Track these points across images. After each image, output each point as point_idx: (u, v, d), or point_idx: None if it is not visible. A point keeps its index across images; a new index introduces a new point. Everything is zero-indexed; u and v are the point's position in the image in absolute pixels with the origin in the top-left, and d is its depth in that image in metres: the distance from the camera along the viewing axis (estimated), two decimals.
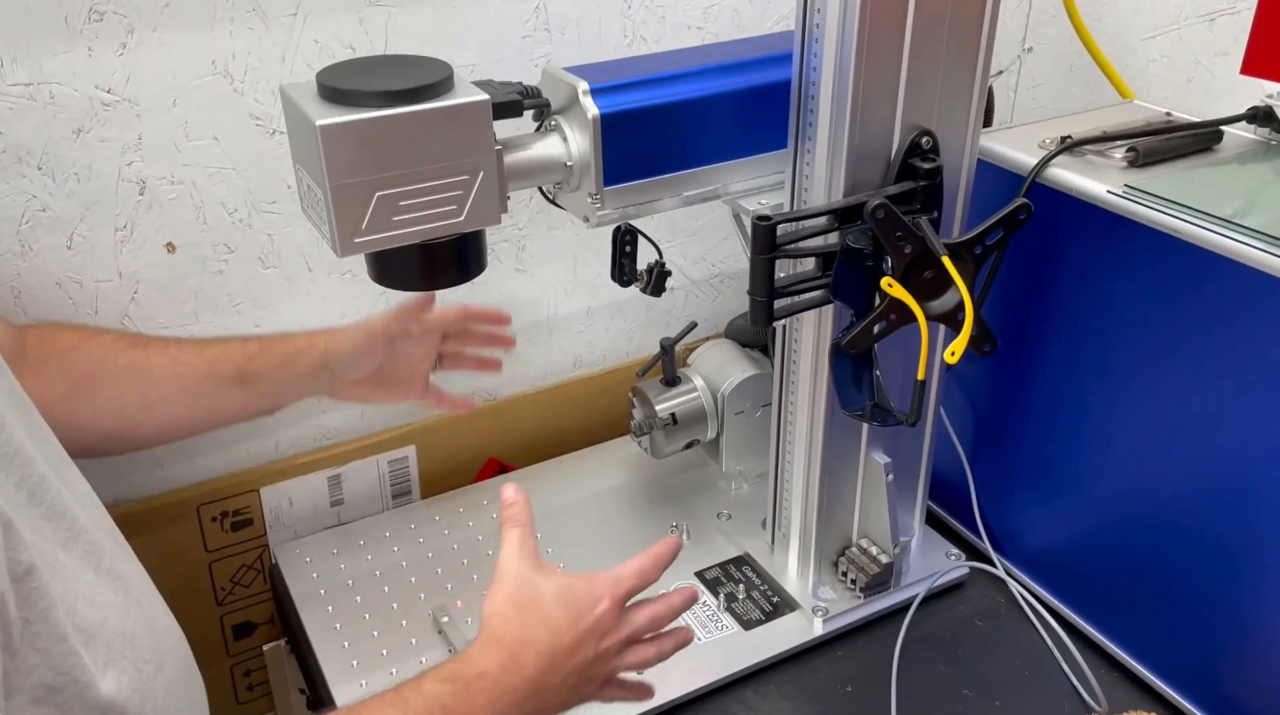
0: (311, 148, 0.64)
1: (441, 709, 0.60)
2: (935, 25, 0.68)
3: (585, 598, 0.65)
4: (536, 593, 0.65)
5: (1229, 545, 0.74)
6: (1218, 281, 0.70)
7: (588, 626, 0.65)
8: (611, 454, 1.09)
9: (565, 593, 0.65)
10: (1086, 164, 0.80)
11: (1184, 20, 1.04)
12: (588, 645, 0.65)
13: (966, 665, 0.84)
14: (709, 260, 1.16)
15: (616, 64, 0.79)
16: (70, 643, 0.58)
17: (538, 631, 0.64)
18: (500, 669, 0.62)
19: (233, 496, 0.97)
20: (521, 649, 0.63)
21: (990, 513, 0.94)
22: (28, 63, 0.77)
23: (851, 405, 0.75)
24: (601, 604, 0.65)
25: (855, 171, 0.71)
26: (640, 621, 0.68)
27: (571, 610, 0.65)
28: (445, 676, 0.62)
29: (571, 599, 0.65)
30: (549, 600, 0.65)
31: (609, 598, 0.66)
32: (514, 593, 0.65)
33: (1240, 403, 0.71)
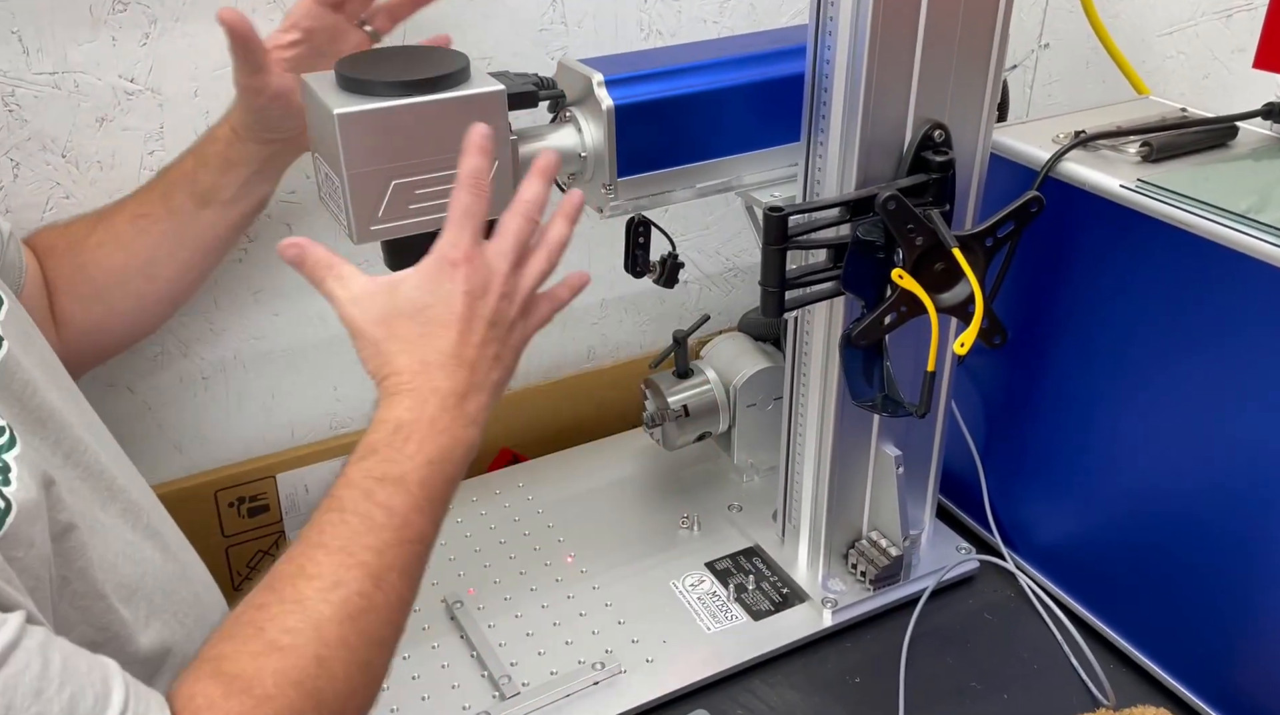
0: (330, 136, 0.65)
1: (377, 482, 0.57)
2: (948, 19, 0.69)
3: (444, 277, 0.61)
4: (396, 315, 0.61)
5: (1239, 541, 0.74)
6: (1231, 277, 0.70)
7: (463, 301, 0.61)
8: (624, 445, 1.09)
9: (424, 291, 0.61)
10: (1100, 158, 0.80)
11: (1200, 16, 1.04)
12: (479, 310, 0.62)
13: (975, 658, 0.84)
14: (723, 254, 1.16)
15: (632, 56, 0.79)
16: (109, 600, 0.60)
17: (424, 348, 0.60)
18: (414, 408, 0.59)
19: (249, 483, 0.98)
20: (423, 376, 0.60)
21: (1001, 507, 0.94)
22: (53, 52, 0.78)
23: (862, 397, 0.75)
24: (458, 270, 0.61)
25: (868, 164, 0.71)
26: (509, 246, 0.64)
27: (441, 301, 0.61)
28: (365, 451, 0.58)
29: (433, 291, 0.61)
30: (413, 310, 0.61)
31: (461, 260, 0.62)
32: (377, 332, 0.61)
33: (1252, 398, 0.71)
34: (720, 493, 1.02)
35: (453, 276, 0.62)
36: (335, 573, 0.54)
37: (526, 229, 0.65)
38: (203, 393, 0.95)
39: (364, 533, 0.55)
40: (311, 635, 0.52)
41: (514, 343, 0.65)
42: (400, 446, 0.58)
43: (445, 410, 0.60)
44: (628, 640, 0.85)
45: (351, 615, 0.53)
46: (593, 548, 0.95)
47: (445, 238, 0.63)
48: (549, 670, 0.82)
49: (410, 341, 0.61)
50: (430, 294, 0.61)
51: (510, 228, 0.65)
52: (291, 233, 0.93)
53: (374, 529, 0.55)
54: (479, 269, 0.62)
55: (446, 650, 0.84)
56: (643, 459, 1.07)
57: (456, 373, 0.61)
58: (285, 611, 0.52)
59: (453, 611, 0.87)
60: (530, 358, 1.09)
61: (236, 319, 0.94)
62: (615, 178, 0.75)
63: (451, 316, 0.61)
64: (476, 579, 0.92)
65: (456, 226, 0.63)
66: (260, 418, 0.99)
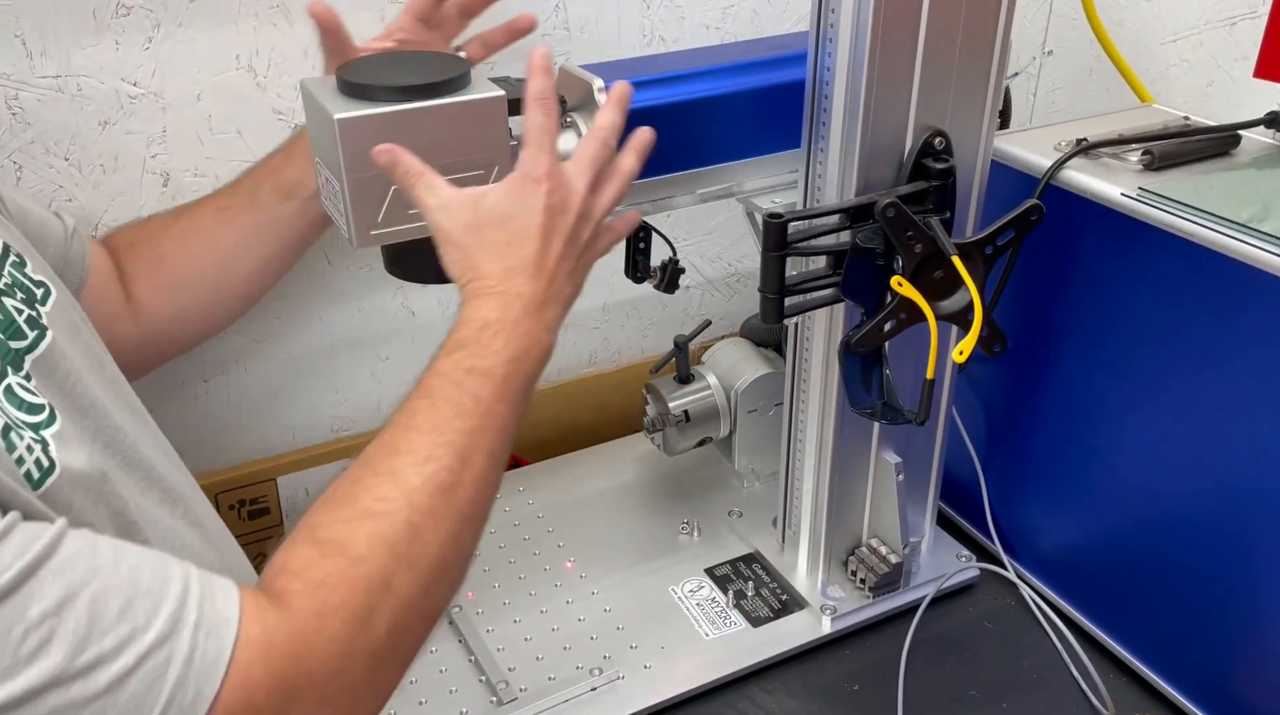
0: (330, 141, 0.65)
1: (466, 373, 0.60)
2: (949, 26, 0.69)
3: (525, 192, 0.65)
4: (483, 224, 0.64)
5: (1240, 550, 0.73)
6: (1233, 286, 0.69)
7: (544, 215, 0.65)
8: (624, 450, 1.09)
9: (507, 204, 0.65)
10: (1101, 167, 0.80)
11: (1204, 24, 1.04)
12: (558, 225, 0.65)
13: (974, 667, 0.84)
14: (725, 259, 1.16)
15: (633, 62, 0.79)
16: None
17: (508, 256, 0.64)
18: (500, 309, 0.62)
19: (250, 485, 0.98)
20: (508, 281, 0.63)
21: (1002, 515, 0.94)
22: (56, 55, 0.79)
23: (861, 404, 0.75)
24: (540, 186, 0.65)
25: (868, 171, 0.71)
26: (585, 166, 0.67)
27: (523, 214, 0.65)
28: (454, 345, 0.62)
29: (516, 204, 0.65)
30: (498, 220, 0.64)
31: (542, 177, 0.65)
32: (465, 239, 0.64)
33: (1253, 408, 0.70)
34: (721, 498, 1.02)
35: (535, 191, 0.65)
36: (426, 449, 0.57)
37: (603, 154, 0.68)
38: (204, 395, 0.95)
39: (452, 417, 0.58)
40: (404, 502, 0.55)
41: (585, 262, 0.69)
42: (488, 342, 0.61)
43: (527, 314, 0.63)
44: (626, 646, 0.85)
45: (441, 488, 0.56)
46: (592, 553, 0.95)
47: (526, 156, 0.66)
48: (547, 676, 0.82)
49: (496, 249, 0.64)
50: (514, 206, 0.65)
51: (588, 152, 0.68)
52: None
53: (462, 414, 0.59)
54: (559, 186, 0.65)
55: (444, 655, 0.84)
56: (643, 464, 1.07)
57: (537, 281, 0.64)
58: (378, 482, 0.55)
59: (451, 616, 0.87)
60: None
61: (238, 321, 0.94)
62: None
63: (534, 228, 0.64)
64: (475, 583, 0.91)
65: (535, 145, 0.66)
66: (261, 420, 0.99)
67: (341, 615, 0.50)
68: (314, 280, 0.96)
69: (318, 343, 0.98)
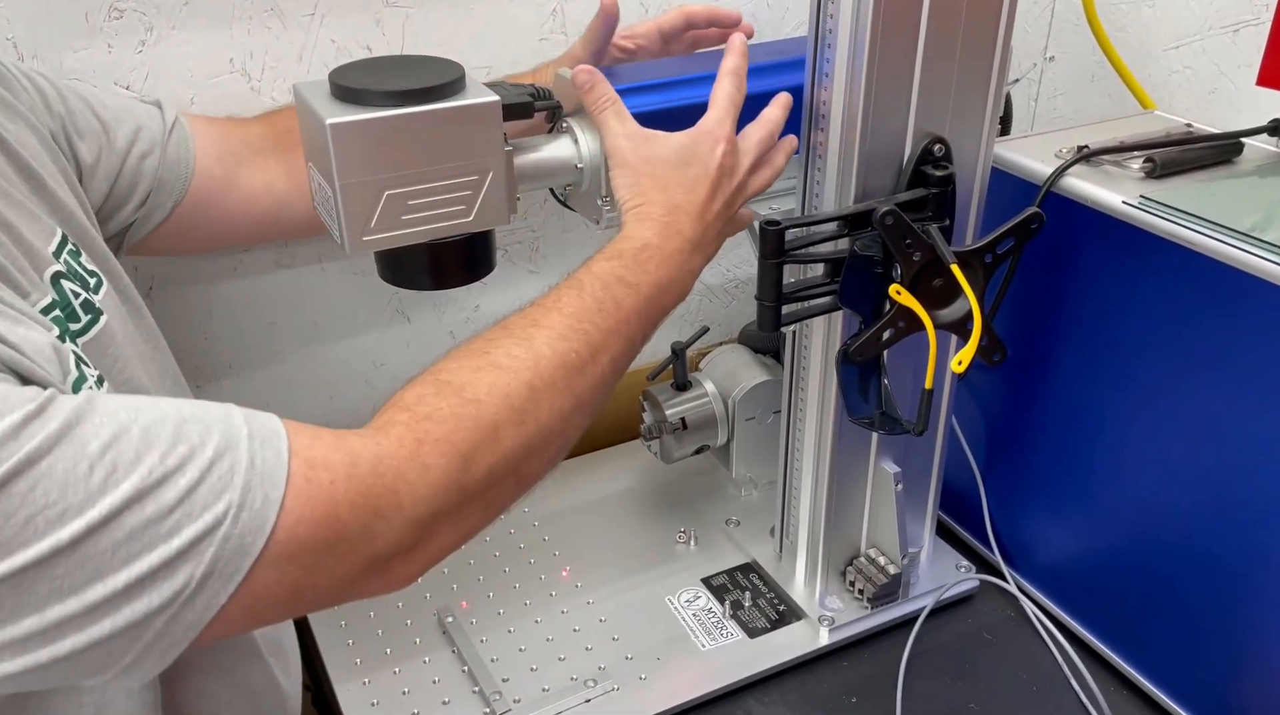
0: (322, 146, 0.64)
1: (617, 280, 0.63)
2: (949, 31, 0.68)
3: (706, 147, 0.68)
4: (661, 161, 0.68)
5: (1243, 565, 0.73)
6: (1235, 296, 0.69)
7: (716, 172, 0.68)
8: (621, 458, 1.09)
9: (687, 151, 0.68)
10: (1103, 174, 0.79)
11: (1207, 31, 1.03)
12: (723, 185, 0.69)
13: (973, 679, 0.83)
14: (724, 265, 1.15)
15: (629, 67, 0.79)
16: None
17: (678, 195, 0.67)
18: (661, 237, 0.66)
19: None
20: (673, 216, 0.67)
21: (1002, 525, 0.93)
22: (49, 59, 0.78)
23: (858, 413, 0.74)
24: (720, 145, 0.68)
25: (866, 178, 0.70)
26: (753, 146, 0.71)
27: (699, 164, 0.68)
28: (612, 254, 0.65)
29: (694, 153, 0.68)
30: (677, 161, 0.68)
31: (724, 139, 0.68)
32: (641, 168, 0.68)
33: (1256, 419, 0.70)
34: (718, 507, 1.01)
35: (713, 149, 0.68)
36: (563, 329, 0.60)
37: (767, 143, 0.71)
38: None
39: (594, 312, 0.61)
40: (530, 364, 0.57)
41: (726, 231, 0.71)
42: (643, 262, 0.65)
43: (681, 251, 0.67)
44: (621, 657, 0.84)
45: (568, 366, 0.59)
46: (588, 561, 0.94)
47: (711, 116, 0.69)
48: (541, 687, 0.81)
49: (668, 185, 0.68)
50: (693, 154, 0.68)
51: (756, 135, 0.71)
52: (287, 243, 0.92)
53: (604, 312, 0.62)
54: (733, 151, 0.69)
55: (438, 665, 0.83)
56: (640, 472, 1.06)
57: (697, 226, 0.68)
58: (512, 342, 0.58)
59: (445, 625, 0.87)
60: None
61: (231, 327, 0.93)
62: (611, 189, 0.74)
63: (706, 179, 0.68)
64: (470, 592, 0.91)
65: (722, 110, 0.69)
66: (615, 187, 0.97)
67: (442, 447, 0.52)
68: (308, 285, 0.95)
69: (311, 348, 0.98)
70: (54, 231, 0.64)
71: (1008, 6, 0.69)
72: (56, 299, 0.58)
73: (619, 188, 0.69)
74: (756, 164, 0.71)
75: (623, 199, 0.69)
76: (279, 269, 0.93)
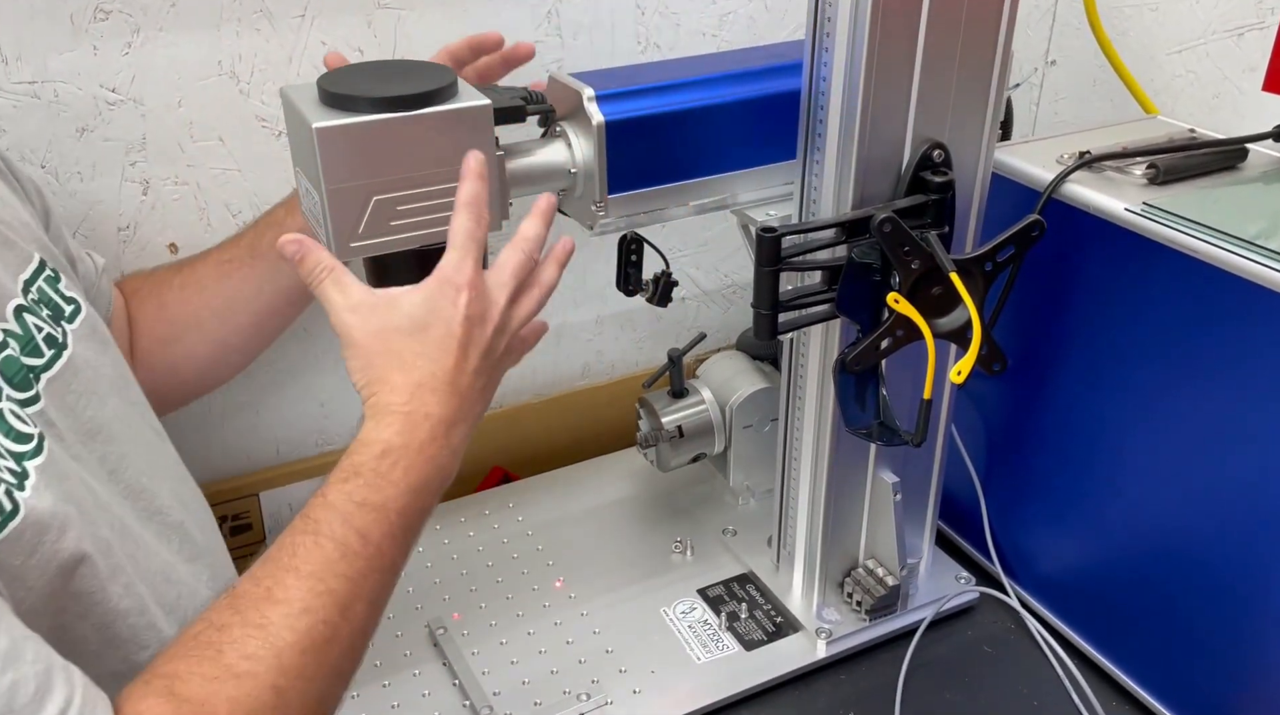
0: (309, 150, 0.63)
1: (358, 507, 0.55)
2: (949, 35, 0.67)
3: (445, 301, 0.61)
4: (395, 331, 0.60)
5: (1246, 576, 0.72)
6: (1238, 304, 0.67)
7: (463, 327, 0.61)
8: (617, 465, 1.07)
9: (424, 311, 0.60)
10: (1105, 180, 0.78)
11: (1211, 35, 1.02)
12: (476, 338, 0.62)
13: (973, 692, 0.82)
14: (721, 271, 1.14)
15: (624, 70, 0.77)
16: (151, 614, 0.60)
17: (420, 370, 0.59)
18: (404, 432, 0.58)
19: (232, 500, 0.96)
20: (416, 399, 0.59)
21: (1002, 535, 0.92)
22: (32, 61, 0.77)
23: (856, 424, 0.73)
24: (462, 294, 0.61)
25: (864, 184, 0.69)
26: (507, 278, 0.64)
27: (440, 324, 0.60)
28: (348, 472, 0.57)
29: (433, 312, 0.60)
30: (413, 328, 0.60)
31: (465, 285, 0.61)
32: (372, 345, 0.60)
33: (1260, 429, 0.68)
34: (715, 516, 1.00)
35: (456, 300, 0.61)
36: (304, 599, 0.53)
37: (526, 266, 0.65)
38: (185, 408, 0.93)
39: (338, 560, 0.54)
40: (272, 663, 0.51)
41: (497, 376, 0.65)
42: (386, 472, 0.57)
43: (434, 438, 0.59)
44: (615, 670, 0.82)
45: (315, 644, 0.52)
46: (582, 572, 0.93)
47: (449, 260, 0.62)
48: (533, 701, 0.80)
49: (407, 361, 0.60)
50: (431, 314, 0.61)
51: (510, 262, 0.65)
52: None
53: (348, 556, 0.55)
54: (481, 296, 0.62)
55: (428, 678, 0.82)
56: (636, 480, 1.05)
57: (449, 400, 0.60)
58: (247, 635, 0.51)
59: (436, 637, 0.85)
60: (524, 375, 1.08)
61: None
62: (605, 194, 0.73)
63: (451, 340, 0.61)
64: (462, 603, 0.89)
65: (460, 250, 0.62)
66: (245, 434, 0.97)
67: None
68: None
69: (302, 356, 0.96)
70: (30, 258, 0.62)
71: (1008, 10, 0.68)
72: (18, 333, 0.57)
73: (351, 372, 0.61)
74: (517, 294, 0.64)
75: (357, 386, 0.60)
76: None
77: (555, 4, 0.93)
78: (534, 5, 0.92)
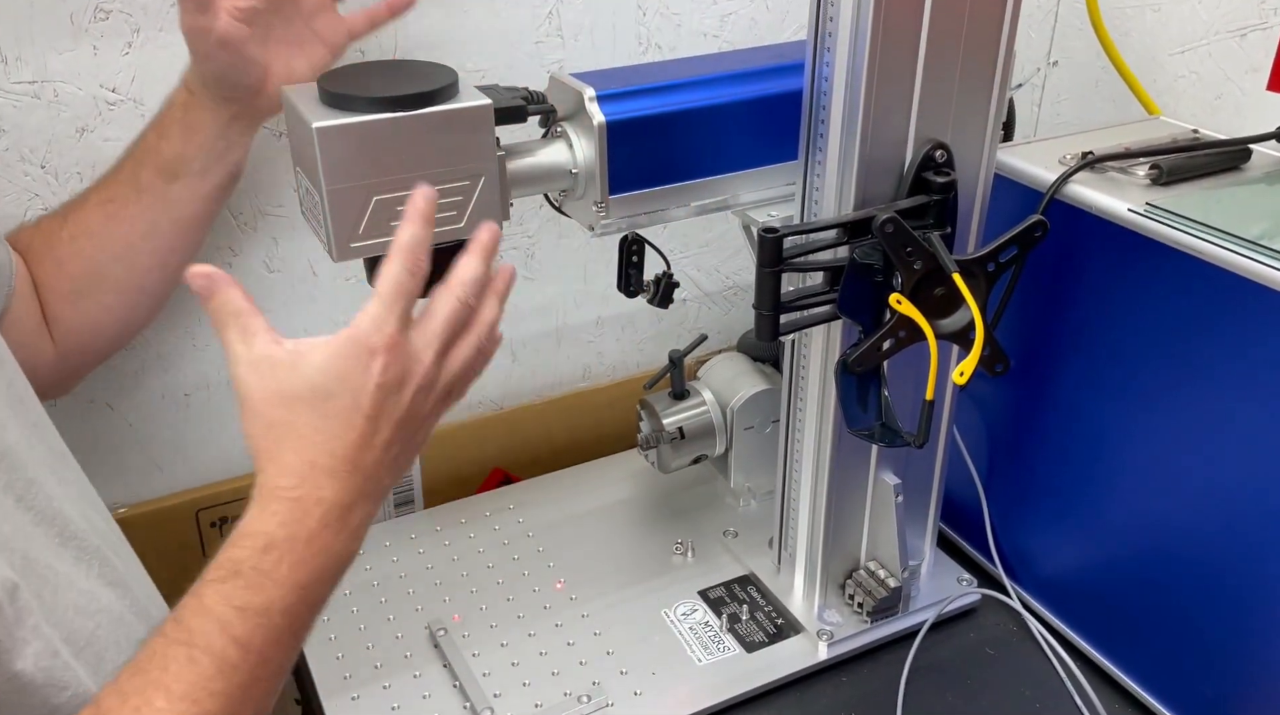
0: (309, 150, 0.63)
1: (236, 612, 0.49)
2: (951, 36, 0.67)
3: (355, 366, 0.53)
4: (295, 398, 0.52)
5: (1248, 579, 0.71)
6: (1242, 305, 0.67)
7: (374, 397, 0.53)
8: (618, 467, 1.07)
9: (330, 377, 0.52)
10: (1108, 181, 0.78)
11: (1214, 35, 1.01)
12: (389, 409, 0.54)
13: (975, 695, 0.82)
14: (722, 272, 1.14)
15: (626, 71, 0.77)
16: (62, 655, 0.57)
17: (316, 447, 0.52)
18: (289, 522, 0.51)
19: (232, 502, 0.96)
20: (308, 483, 0.51)
21: (1004, 537, 0.91)
22: (32, 61, 0.77)
23: (858, 425, 0.73)
24: (376, 360, 0.53)
25: (866, 184, 0.69)
26: (438, 328, 0.56)
27: (346, 393, 0.52)
28: (227, 570, 0.50)
29: (341, 378, 0.52)
30: (314, 397, 0.52)
31: (382, 348, 0.53)
32: (269, 411, 0.52)
33: (1263, 430, 0.68)
34: (716, 517, 0.99)
35: (369, 365, 0.53)
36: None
37: (460, 313, 0.58)
38: (184, 409, 0.93)
39: (214, 676, 0.48)
40: None
41: (419, 440, 0.58)
42: (269, 570, 0.50)
43: (327, 526, 0.52)
44: (616, 671, 0.82)
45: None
46: (583, 574, 0.93)
47: (369, 315, 0.54)
48: (533, 702, 0.79)
49: (303, 435, 0.52)
50: (338, 381, 0.53)
51: (442, 311, 0.57)
52: (277, 247, 0.91)
53: (225, 671, 0.48)
54: (400, 358, 0.54)
55: (428, 680, 0.82)
56: (637, 481, 1.05)
57: (349, 480, 0.53)
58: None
59: (436, 639, 0.85)
60: (524, 376, 1.08)
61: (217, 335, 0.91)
62: (607, 195, 0.73)
63: (357, 414, 0.53)
64: (462, 605, 0.89)
65: (384, 305, 0.55)
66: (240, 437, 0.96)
67: None
68: (298, 292, 0.93)
69: None
70: None
71: (1011, 10, 0.68)
72: None
73: (245, 436, 0.53)
74: (448, 346, 0.57)
75: (249, 450, 0.53)
76: (269, 273, 0.91)
77: (556, 4, 0.93)
78: (535, 5, 0.92)
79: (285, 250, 0.91)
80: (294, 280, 0.93)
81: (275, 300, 0.92)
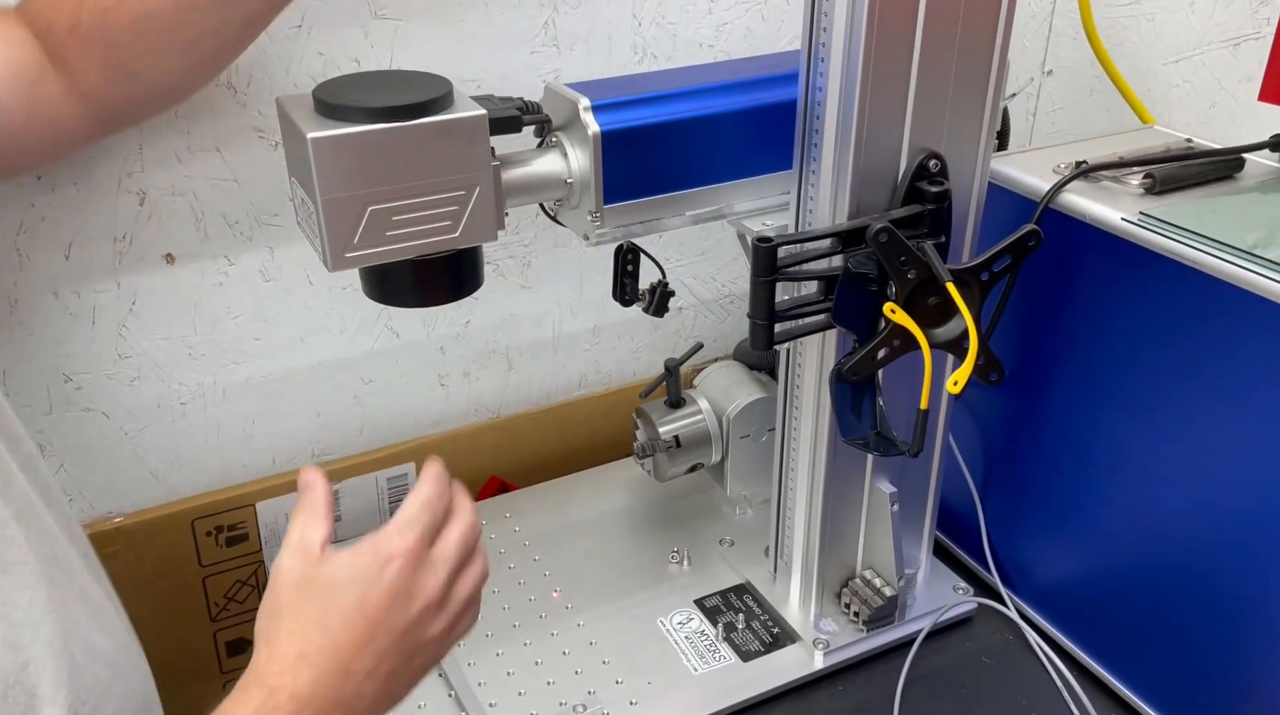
0: (303, 160, 0.63)
1: None
2: (945, 45, 0.67)
3: (369, 570, 0.53)
4: (309, 586, 0.53)
5: (1244, 588, 0.71)
6: (1236, 314, 0.67)
7: (382, 600, 0.53)
8: (615, 475, 1.07)
9: (344, 571, 0.53)
10: (1102, 190, 0.78)
11: (1207, 45, 1.02)
12: (393, 619, 0.53)
13: (971, 703, 0.82)
14: (718, 280, 1.14)
15: (620, 81, 0.77)
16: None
17: (309, 639, 0.52)
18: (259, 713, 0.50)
19: (228, 511, 0.96)
20: (289, 674, 0.51)
21: (1000, 546, 0.91)
22: None
23: (852, 434, 0.73)
24: (393, 563, 0.54)
25: (860, 194, 0.69)
26: (452, 544, 0.57)
27: (355, 595, 0.53)
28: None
29: (354, 575, 0.53)
30: (324, 590, 0.53)
31: (399, 552, 0.54)
32: (282, 597, 0.54)
33: (1258, 439, 0.68)
34: (712, 526, 0.99)
35: (383, 569, 0.54)
36: None
37: (471, 536, 0.59)
38: (180, 418, 0.93)
39: None
40: None
41: (416, 666, 0.57)
42: None
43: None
44: (611, 681, 0.82)
45: None
46: (579, 582, 0.93)
47: (395, 523, 0.56)
48: (529, 712, 0.79)
49: (302, 625, 0.52)
50: (350, 578, 0.53)
51: (455, 532, 0.58)
52: (273, 257, 0.91)
53: None
54: (414, 567, 0.55)
55: (423, 689, 0.79)
56: (634, 490, 1.05)
57: (330, 682, 0.51)
58: None
59: None
60: (520, 385, 1.08)
61: (216, 343, 0.92)
62: (602, 205, 0.73)
63: (360, 616, 0.53)
64: None
65: (412, 513, 0.56)
66: (240, 444, 0.96)
67: None
68: (295, 300, 0.93)
69: (298, 364, 0.96)
70: None
71: (1005, 19, 0.68)
72: None
73: (257, 618, 0.54)
74: (464, 564, 0.57)
75: (255, 630, 0.54)
76: (265, 283, 0.92)
77: (552, 14, 0.93)
78: (530, 15, 0.92)
79: (281, 259, 0.91)
80: (290, 289, 0.93)
81: (271, 308, 0.92)
